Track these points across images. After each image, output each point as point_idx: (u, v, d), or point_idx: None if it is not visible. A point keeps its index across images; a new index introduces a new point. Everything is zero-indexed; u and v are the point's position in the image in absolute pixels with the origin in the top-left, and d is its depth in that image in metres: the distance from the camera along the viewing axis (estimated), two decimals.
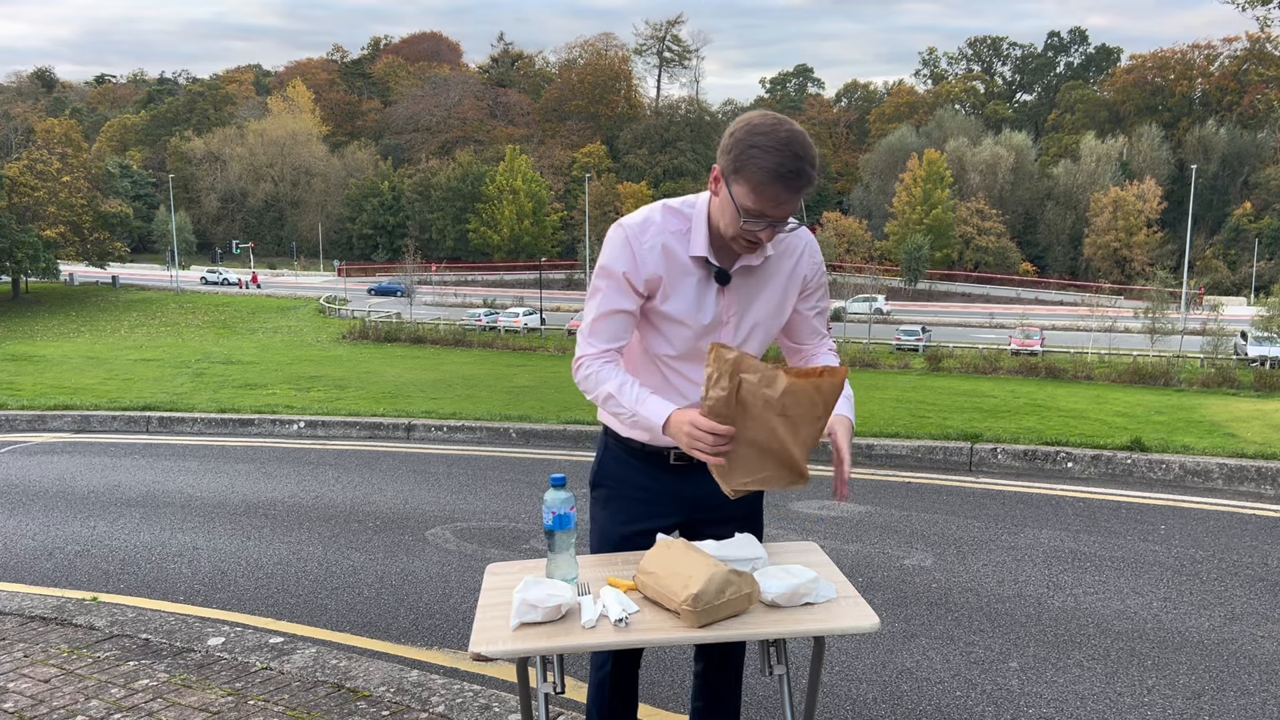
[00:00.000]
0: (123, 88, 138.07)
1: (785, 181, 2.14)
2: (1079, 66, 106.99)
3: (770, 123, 2.17)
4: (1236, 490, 7.27)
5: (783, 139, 2.13)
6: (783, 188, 2.15)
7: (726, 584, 2.06)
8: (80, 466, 9.21)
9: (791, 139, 2.14)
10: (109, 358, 27.98)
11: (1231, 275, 74.38)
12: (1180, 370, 30.81)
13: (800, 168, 2.14)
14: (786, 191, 2.15)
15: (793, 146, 2.13)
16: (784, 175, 2.13)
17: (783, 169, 2.13)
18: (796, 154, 2.13)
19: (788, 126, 2.17)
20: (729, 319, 2.40)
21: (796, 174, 2.14)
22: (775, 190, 2.15)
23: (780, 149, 2.13)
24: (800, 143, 2.15)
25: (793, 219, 2.25)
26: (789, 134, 2.15)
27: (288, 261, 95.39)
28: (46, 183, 63.35)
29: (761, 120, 2.18)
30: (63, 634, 4.45)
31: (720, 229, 2.31)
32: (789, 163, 2.13)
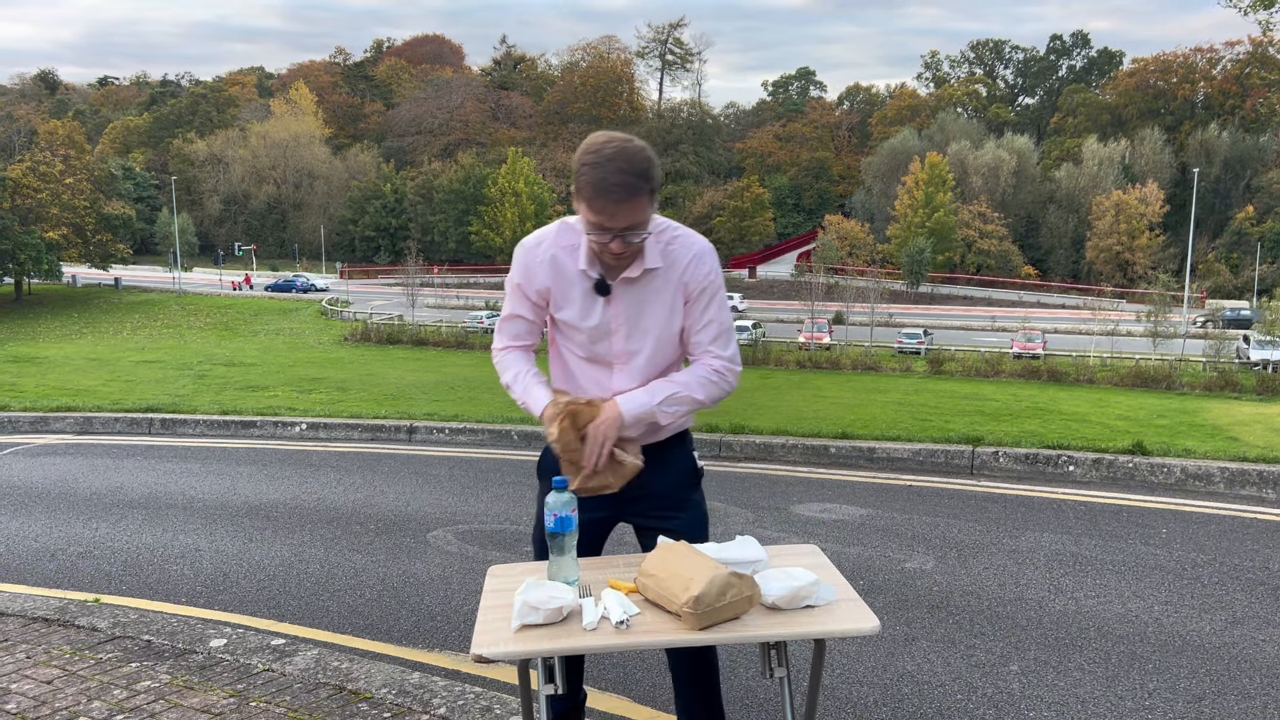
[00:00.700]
0: (125, 90, 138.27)
1: (607, 195, 2.28)
2: (1081, 70, 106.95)
3: (601, 141, 2.33)
4: (1238, 494, 7.27)
5: (607, 155, 2.28)
6: (607, 200, 2.29)
7: (727, 586, 2.07)
8: (82, 468, 9.22)
9: (617, 154, 2.28)
10: (111, 359, 28.01)
11: (1234, 279, 74.32)
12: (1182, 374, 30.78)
13: (622, 181, 2.27)
14: (612, 204, 2.29)
15: (616, 161, 2.28)
16: (605, 189, 2.28)
17: (604, 183, 2.28)
18: (620, 168, 2.27)
19: (616, 144, 2.31)
20: (618, 327, 2.57)
21: (617, 187, 2.27)
22: (601, 203, 2.29)
23: (603, 164, 2.28)
24: (625, 157, 2.28)
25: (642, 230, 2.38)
26: (615, 150, 2.29)
27: (290, 264, 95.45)
28: (49, 184, 63.40)
29: (594, 139, 2.34)
30: (65, 635, 4.46)
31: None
32: (611, 176, 2.27)
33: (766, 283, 78.29)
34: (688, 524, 2.68)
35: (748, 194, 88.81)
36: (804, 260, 79.78)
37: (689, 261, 2.53)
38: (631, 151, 2.30)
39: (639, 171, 2.30)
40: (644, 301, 2.54)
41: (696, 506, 2.76)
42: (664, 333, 2.58)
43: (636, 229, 2.36)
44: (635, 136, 2.38)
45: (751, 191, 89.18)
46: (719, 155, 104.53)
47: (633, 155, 2.30)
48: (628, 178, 2.29)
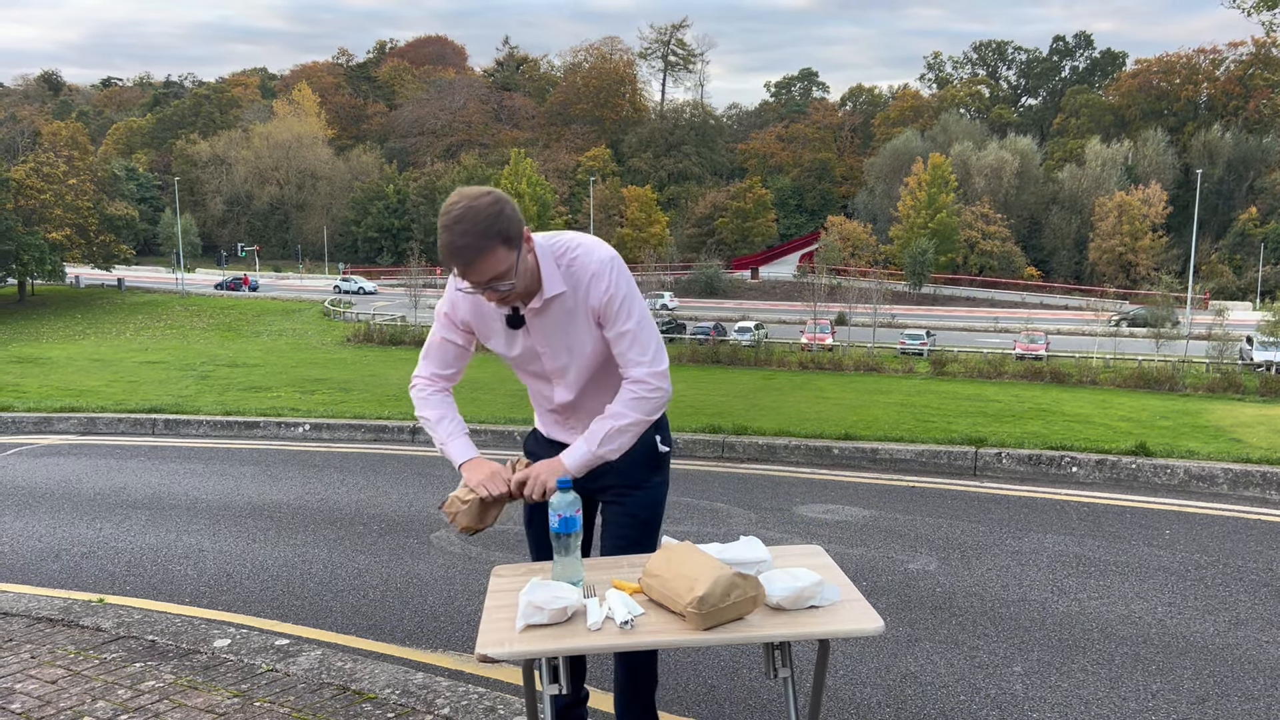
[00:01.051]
0: (129, 91, 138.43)
1: (455, 257, 2.37)
2: (1084, 71, 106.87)
3: (451, 202, 2.38)
4: (1242, 495, 7.26)
5: (454, 217, 2.35)
6: (454, 262, 2.38)
7: (732, 587, 2.07)
8: (86, 469, 9.23)
9: (461, 216, 2.34)
10: (114, 360, 28.05)
11: (1237, 280, 74.22)
12: (1185, 375, 30.76)
13: (466, 243, 2.34)
14: (459, 265, 2.38)
15: (461, 223, 2.34)
16: (452, 252, 2.37)
17: (451, 246, 2.36)
18: (464, 230, 2.34)
19: (463, 205, 2.36)
20: (541, 350, 2.70)
21: (463, 249, 2.35)
22: (453, 264, 2.39)
23: (450, 227, 2.36)
24: (469, 218, 2.34)
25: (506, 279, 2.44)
26: (460, 211, 2.35)
27: (293, 264, 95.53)
28: (52, 185, 63.49)
29: (449, 201, 2.40)
30: (69, 635, 4.47)
31: None
32: (456, 239, 2.35)
33: (769, 284, 78.27)
34: (639, 503, 2.77)
35: (750, 195, 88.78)
36: (806, 261, 79.80)
37: (588, 281, 2.59)
38: (476, 211, 2.35)
39: (482, 231, 2.35)
40: (557, 325, 2.64)
41: (654, 488, 2.84)
42: (586, 348, 2.67)
43: (500, 279, 2.43)
44: (492, 189, 2.43)
45: (754, 192, 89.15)
46: (721, 156, 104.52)
47: (477, 215, 2.35)
48: (470, 239, 2.34)
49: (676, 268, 74.23)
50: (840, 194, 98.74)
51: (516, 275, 2.45)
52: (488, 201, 2.39)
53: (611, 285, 2.59)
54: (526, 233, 2.49)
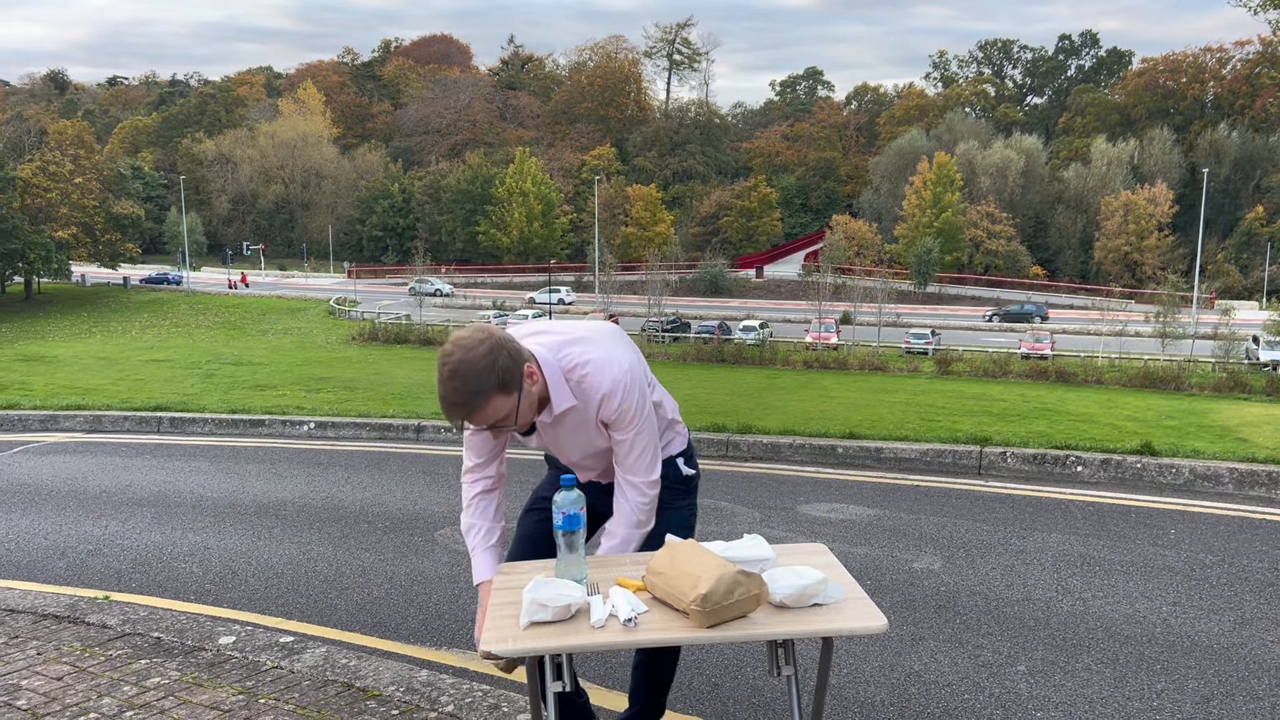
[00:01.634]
0: (134, 90, 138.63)
1: (451, 412, 2.45)
2: (1090, 70, 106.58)
3: (447, 352, 2.43)
4: (1247, 495, 7.25)
5: (447, 373, 2.41)
6: (451, 415, 2.46)
7: (735, 584, 2.07)
8: (92, 466, 9.26)
9: (454, 372, 2.40)
10: (120, 358, 28.12)
11: (1243, 280, 73.99)
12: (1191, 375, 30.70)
13: (458, 400, 2.41)
14: (457, 416, 2.45)
15: (452, 381, 2.40)
16: (447, 407, 2.44)
17: (445, 402, 2.44)
18: (455, 388, 2.40)
19: (455, 359, 2.40)
20: (555, 451, 2.85)
21: (456, 405, 2.42)
22: (449, 415, 2.45)
23: (444, 383, 2.42)
24: (461, 375, 2.39)
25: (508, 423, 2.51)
26: (453, 367, 2.40)
27: (298, 263, 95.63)
28: (59, 184, 63.63)
29: (445, 349, 2.45)
30: (75, 632, 4.48)
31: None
32: (449, 395, 2.41)
33: (774, 283, 78.22)
34: (669, 525, 2.82)
35: (755, 194, 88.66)
36: (811, 260, 79.70)
37: (600, 400, 2.64)
38: (469, 364, 2.40)
39: (475, 388, 2.40)
40: (566, 434, 2.73)
41: (682, 510, 2.93)
42: (597, 448, 2.77)
43: (501, 423, 2.50)
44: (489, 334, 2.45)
45: (759, 191, 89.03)
46: (726, 155, 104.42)
47: (469, 371, 2.39)
48: (462, 396, 2.41)
49: (681, 267, 74.13)
50: (845, 193, 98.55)
51: (518, 415, 2.51)
52: (481, 353, 2.42)
53: (622, 404, 2.64)
54: (529, 368, 2.51)
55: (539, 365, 2.56)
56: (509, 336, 2.50)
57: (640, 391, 2.66)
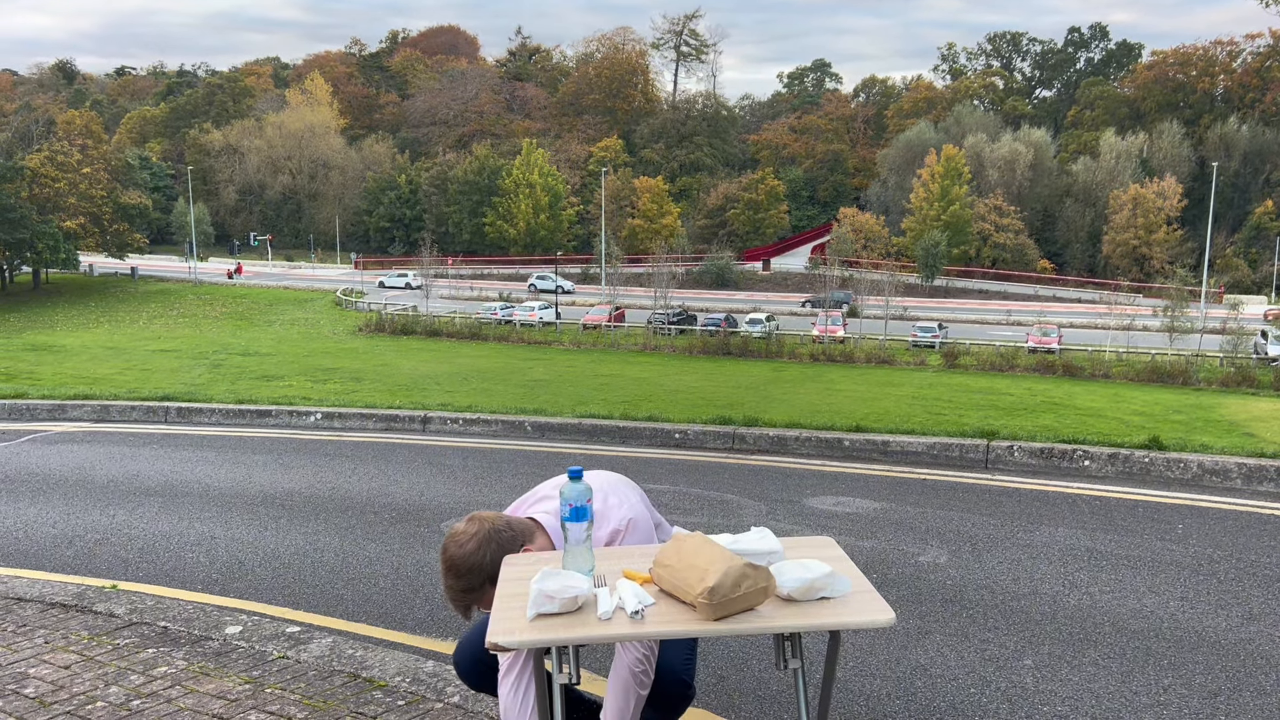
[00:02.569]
0: (142, 80, 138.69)
1: (453, 604, 2.57)
2: (1099, 63, 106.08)
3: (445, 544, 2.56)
4: (1255, 490, 7.22)
5: (444, 567, 2.54)
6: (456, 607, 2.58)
7: (743, 577, 2.07)
8: (100, 456, 9.28)
9: (447, 569, 2.53)
10: (128, 348, 28.18)
11: (1252, 274, 73.67)
12: (1199, 369, 30.60)
13: (454, 596, 2.55)
14: (459, 608, 2.58)
15: (447, 578, 2.54)
16: (449, 600, 2.57)
17: (447, 596, 2.57)
18: (449, 584, 2.54)
19: (449, 554, 2.53)
20: None
21: (453, 600, 2.56)
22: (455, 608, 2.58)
23: (443, 577, 2.56)
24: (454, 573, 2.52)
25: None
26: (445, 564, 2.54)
27: (305, 254, 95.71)
28: (67, 174, 63.69)
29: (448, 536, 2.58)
30: (83, 621, 4.49)
31: None
32: (447, 592, 2.56)
33: (780, 275, 78.08)
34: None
35: (762, 186, 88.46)
36: (818, 253, 79.52)
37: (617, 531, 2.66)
38: (460, 562, 2.51)
39: (465, 586, 2.52)
40: None
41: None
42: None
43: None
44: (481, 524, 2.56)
45: (766, 184, 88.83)
46: (733, 147, 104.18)
47: (461, 568, 2.51)
48: (456, 593, 2.55)
49: (688, 259, 74.02)
50: (853, 186, 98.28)
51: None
52: (472, 549, 2.52)
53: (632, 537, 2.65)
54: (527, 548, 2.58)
55: (545, 533, 2.64)
56: (503, 522, 2.59)
57: (645, 536, 2.67)
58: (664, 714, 2.89)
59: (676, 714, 2.91)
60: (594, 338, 43.22)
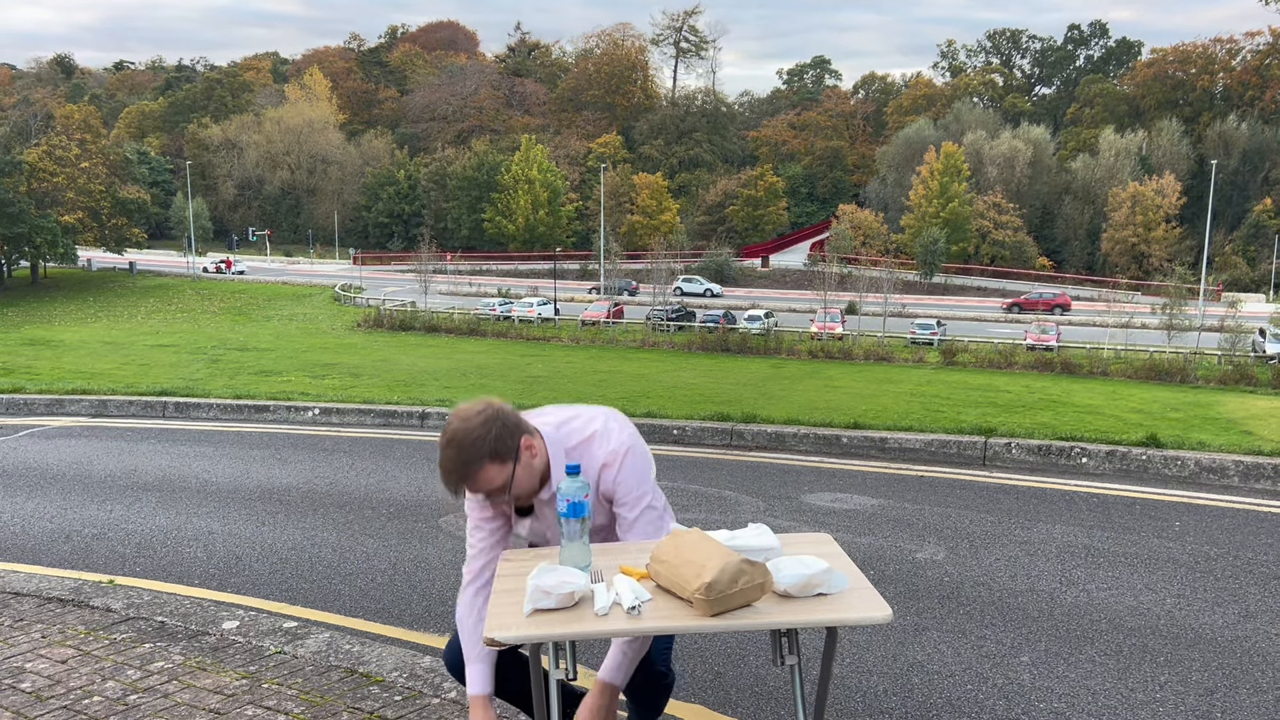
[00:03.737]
0: (141, 74, 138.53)
1: (446, 477, 2.50)
2: (1099, 60, 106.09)
3: (448, 421, 2.52)
4: (1252, 488, 7.22)
5: (445, 440, 2.49)
6: (444, 482, 2.51)
7: (739, 573, 2.06)
8: (97, 450, 9.28)
9: (450, 440, 2.47)
10: (126, 343, 28.16)
11: (1251, 272, 73.70)
12: (1197, 367, 30.60)
13: (451, 467, 2.48)
14: (452, 482, 2.51)
15: (448, 449, 2.48)
16: (444, 474, 2.51)
17: (440, 468, 2.51)
18: (450, 456, 2.47)
19: (455, 425, 2.49)
20: (552, 536, 2.71)
21: (449, 472, 2.49)
22: (446, 482, 2.51)
23: (441, 450, 2.50)
24: (456, 444, 2.46)
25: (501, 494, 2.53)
26: (450, 434, 2.48)
27: (304, 249, 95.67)
28: (65, 168, 63.61)
29: (449, 417, 2.54)
30: (80, 615, 4.49)
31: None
32: (444, 462, 2.49)
33: (779, 272, 78.06)
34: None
35: (761, 183, 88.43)
36: (817, 250, 79.48)
37: (598, 471, 2.62)
38: (463, 434, 2.46)
39: (469, 457, 2.45)
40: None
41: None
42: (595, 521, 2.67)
43: (495, 494, 2.53)
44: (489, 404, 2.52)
45: (765, 180, 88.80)
46: (733, 143, 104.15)
47: (463, 439, 2.45)
48: (456, 464, 2.46)
49: (687, 255, 74.03)
50: (852, 182, 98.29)
51: (513, 486, 2.51)
52: (478, 423, 2.47)
53: (620, 472, 2.62)
54: (528, 440, 2.52)
55: (542, 440, 2.58)
56: (511, 409, 2.55)
57: (644, 463, 2.65)
58: (647, 707, 2.89)
59: (660, 704, 2.90)
60: (593, 334, 43.20)
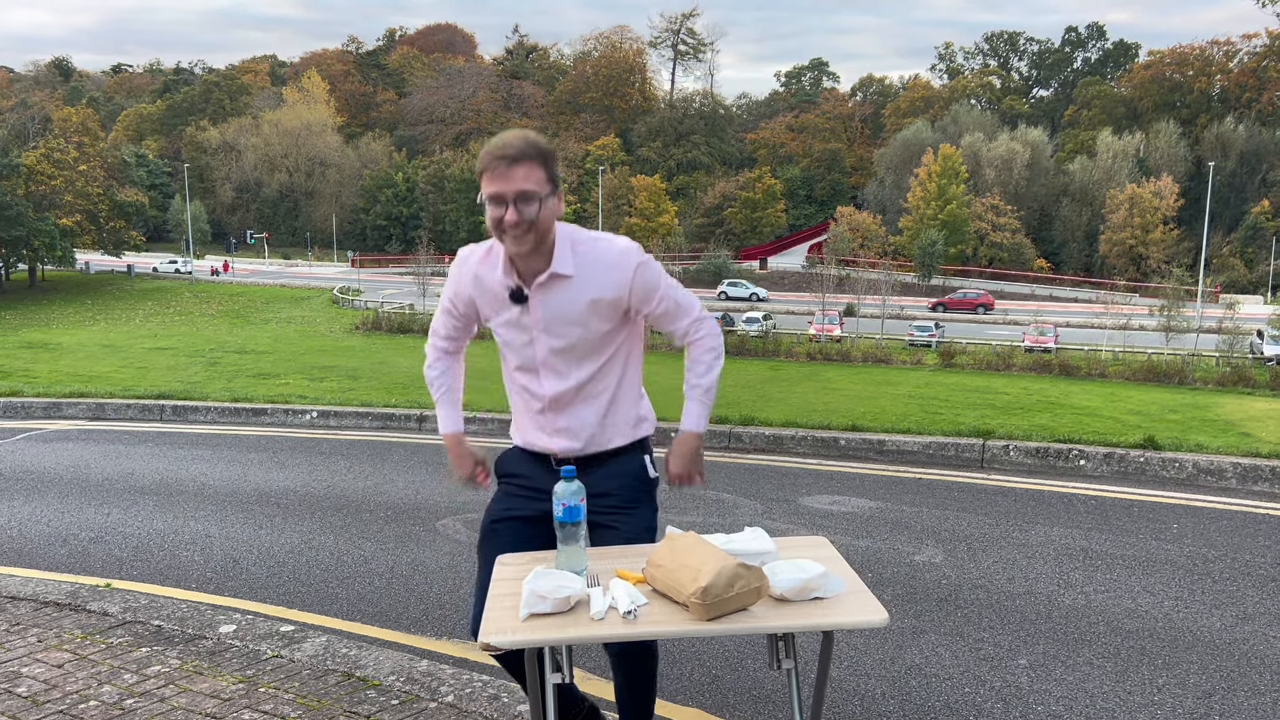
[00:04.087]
0: (139, 77, 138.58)
1: (495, 152, 2.49)
2: (1096, 62, 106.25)
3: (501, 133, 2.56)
4: (1250, 490, 7.22)
5: (509, 133, 2.53)
6: (495, 158, 2.48)
7: (736, 578, 2.06)
8: (95, 454, 9.27)
9: (519, 133, 2.52)
10: (124, 346, 28.13)
11: (1248, 273, 73.79)
12: (1195, 369, 30.62)
13: (508, 140, 2.50)
14: (500, 162, 2.48)
15: (506, 134, 2.53)
16: (497, 148, 2.49)
17: (497, 144, 2.50)
18: (514, 135, 2.51)
19: (514, 130, 2.55)
20: (538, 334, 2.70)
21: (508, 146, 2.49)
22: (491, 163, 2.49)
23: (501, 134, 2.54)
24: (515, 133, 2.52)
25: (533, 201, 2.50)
26: (518, 130, 2.54)
27: (302, 252, 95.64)
28: (63, 171, 63.56)
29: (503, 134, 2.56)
30: (76, 620, 4.48)
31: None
32: (505, 138, 2.51)
33: (778, 274, 78.05)
34: (634, 530, 2.73)
35: (759, 185, 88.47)
36: (815, 252, 79.50)
37: (603, 271, 2.64)
38: (525, 133, 2.54)
39: (531, 141, 2.51)
40: (559, 307, 2.66)
41: (645, 515, 2.81)
42: (585, 336, 2.70)
43: (528, 198, 2.49)
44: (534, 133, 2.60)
45: (763, 182, 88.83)
46: (731, 146, 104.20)
47: (526, 134, 2.53)
48: (518, 141, 2.50)
49: (685, 257, 74.07)
50: (850, 184, 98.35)
51: (541, 209, 2.52)
52: (537, 131, 2.62)
53: (629, 272, 2.64)
54: (560, 195, 2.60)
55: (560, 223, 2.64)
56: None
57: (653, 267, 2.69)
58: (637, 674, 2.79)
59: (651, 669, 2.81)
60: None
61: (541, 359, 2.73)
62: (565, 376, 2.73)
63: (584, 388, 2.73)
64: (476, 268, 2.76)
